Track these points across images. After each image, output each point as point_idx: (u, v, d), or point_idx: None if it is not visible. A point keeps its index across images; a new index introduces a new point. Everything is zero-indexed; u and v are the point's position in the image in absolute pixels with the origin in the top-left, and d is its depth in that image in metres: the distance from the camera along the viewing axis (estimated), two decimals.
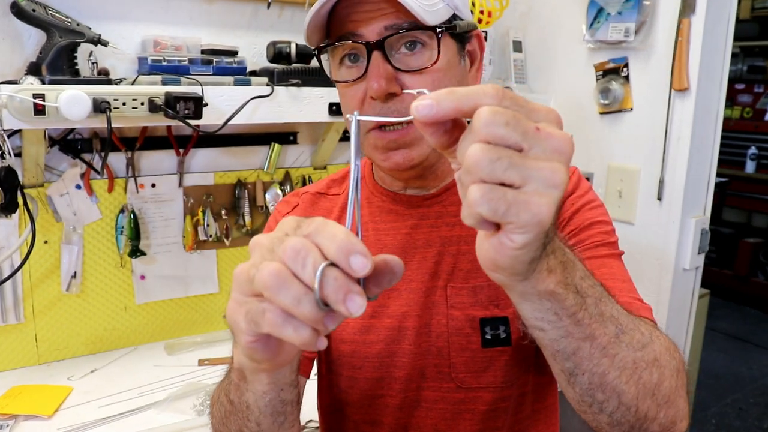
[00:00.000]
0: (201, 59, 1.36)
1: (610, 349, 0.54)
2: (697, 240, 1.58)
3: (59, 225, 1.36)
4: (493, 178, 0.39)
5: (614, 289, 0.71)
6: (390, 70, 0.70)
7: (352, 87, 0.74)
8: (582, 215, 0.80)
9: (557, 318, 0.50)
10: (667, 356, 0.59)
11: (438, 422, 0.81)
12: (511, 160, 0.39)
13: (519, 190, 0.39)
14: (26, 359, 1.37)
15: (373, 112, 0.72)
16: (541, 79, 1.91)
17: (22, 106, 1.06)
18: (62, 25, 1.18)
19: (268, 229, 0.93)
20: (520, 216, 0.39)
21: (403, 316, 0.81)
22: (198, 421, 1.16)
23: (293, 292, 0.39)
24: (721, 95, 1.57)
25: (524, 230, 0.40)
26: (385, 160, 0.75)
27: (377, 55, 0.70)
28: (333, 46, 0.73)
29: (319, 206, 0.91)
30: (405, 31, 0.70)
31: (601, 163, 1.73)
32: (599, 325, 0.53)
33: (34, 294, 1.35)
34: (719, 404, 3.14)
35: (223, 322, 1.61)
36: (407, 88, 0.71)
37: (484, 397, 0.79)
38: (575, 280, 0.51)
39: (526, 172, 0.39)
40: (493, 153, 0.38)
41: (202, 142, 1.50)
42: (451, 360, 0.79)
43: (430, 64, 0.71)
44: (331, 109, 1.45)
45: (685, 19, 1.47)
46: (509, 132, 0.39)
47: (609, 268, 0.76)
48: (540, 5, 1.88)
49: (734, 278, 4.39)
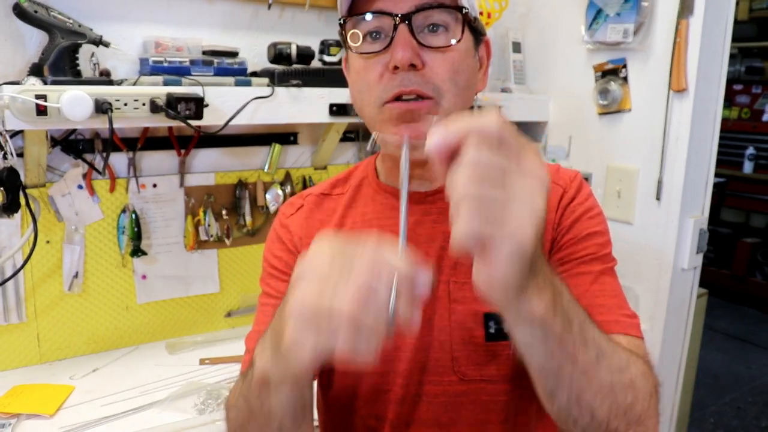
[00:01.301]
0: (202, 60, 1.37)
1: (590, 371, 0.58)
2: (696, 240, 1.58)
3: (61, 225, 1.37)
4: (479, 200, 0.45)
5: (605, 306, 0.77)
6: (415, 43, 0.73)
7: (372, 60, 0.75)
8: (581, 225, 0.82)
9: (545, 340, 0.55)
10: (642, 381, 0.64)
11: (440, 415, 0.81)
12: (494, 183, 0.45)
13: (503, 213, 0.45)
14: (28, 358, 1.38)
15: (393, 84, 0.74)
16: (540, 80, 1.92)
17: (25, 106, 1.06)
18: (64, 26, 1.19)
19: (273, 233, 0.93)
20: (504, 241, 0.45)
21: None
22: (199, 420, 1.17)
23: (372, 312, 0.44)
24: (720, 96, 1.57)
25: (509, 256, 0.46)
26: (396, 133, 0.76)
27: (403, 28, 0.72)
28: (357, 19, 0.75)
29: (324, 207, 0.92)
30: (434, 9, 0.73)
31: (600, 164, 1.74)
32: (582, 349, 0.57)
33: (36, 294, 1.36)
34: (718, 403, 3.15)
35: (223, 322, 1.62)
36: (428, 65, 0.74)
37: (486, 388, 0.79)
38: (563, 304, 0.55)
39: (509, 195, 0.46)
40: (479, 178, 0.45)
41: (203, 143, 1.50)
42: (453, 354, 0.79)
43: (453, 43, 0.74)
44: (331, 109, 1.45)
45: (684, 20, 1.48)
46: (493, 158, 0.46)
47: (601, 284, 0.79)
48: (539, 6, 1.89)
49: (732, 278, 4.40)
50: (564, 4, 1.79)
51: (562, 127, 1.86)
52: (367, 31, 0.75)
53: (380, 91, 0.75)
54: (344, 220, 0.89)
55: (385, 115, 0.76)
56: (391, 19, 0.72)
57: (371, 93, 0.76)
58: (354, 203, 0.90)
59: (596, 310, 0.75)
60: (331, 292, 0.45)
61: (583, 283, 0.78)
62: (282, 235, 0.91)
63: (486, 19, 1.72)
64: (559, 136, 1.87)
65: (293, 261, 0.89)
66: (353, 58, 0.79)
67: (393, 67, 0.73)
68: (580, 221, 0.82)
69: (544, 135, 1.92)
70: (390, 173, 0.87)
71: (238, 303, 1.64)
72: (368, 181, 0.90)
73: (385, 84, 0.74)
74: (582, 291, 0.77)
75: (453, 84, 0.75)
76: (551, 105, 1.88)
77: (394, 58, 0.72)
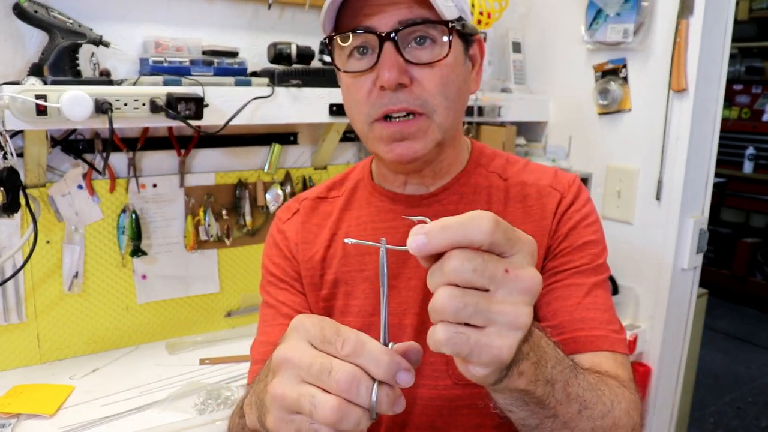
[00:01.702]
0: (202, 60, 1.37)
1: (571, 422, 0.60)
2: (696, 240, 1.58)
3: (61, 225, 1.37)
4: (457, 320, 0.43)
5: (595, 320, 0.78)
6: (401, 61, 0.72)
7: (360, 78, 0.75)
8: (577, 233, 0.82)
9: (525, 404, 0.56)
10: (625, 419, 0.66)
11: (434, 419, 0.81)
12: (476, 307, 0.43)
13: (482, 332, 0.44)
14: (28, 358, 1.38)
15: (381, 102, 0.73)
16: (540, 80, 1.92)
17: (25, 106, 1.06)
18: (64, 26, 1.19)
19: (271, 239, 0.94)
20: (482, 357, 0.44)
21: (402, 313, 0.82)
22: (199, 420, 1.17)
23: (353, 418, 0.44)
24: (719, 96, 1.57)
25: (485, 367, 0.45)
26: (389, 151, 0.76)
27: (389, 46, 0.71)
28: (343, 37, 0.74)
29: (319, 211, 0.92)
30: (419, 25, 0.72)
31: (600, 164, 1.74)
32: (564, 405, 0.58)
33: (36, 294, 1.36)
34: (718, 403, 3.15)
35: (223, 322, 1.62)
36: (417, 81, 0.73)
37: (481, 392, 0.79)
38: (546, 373, 0.55)
39: (489, 316, 0.43)
40: (458, 300, 0.43)
41: (203, 143, 1.50)
42: (447, 357, 0.79)
43: (440, 58, 0.73)
44: (331, 109, 1.45)
45: (684, 20, 1.48)
46: (477, 277, 0.43)
47: (594, 297, 0.80)
48: (539, 6, 1.89)
49: (732, 278, 4.40)
50: (564, 4, 1.79)
51: (562, 127, 1.86)
52: (353, 47, 0.75)
53: (369, 109, 0.75)
54: (340, 224, 0.89)
55: (376, 133, 0.76)
56: (375, 36, 0.72)
57: (360, 110, 0.76)
58: (349, 206, 0.90)
59: (587, 324, 0.77)
60: (310, 397, 0.45)
61: (576, 295, 0.79)
62: (279, 241, 0.92)
63: (486, 19, 1.72)
64: (559, 136, 1.87)
65: (290, 268, 0.90)
66: (341, 74, 0.79)
67: (381, 86, 0.73)
68: (577, 229, 0.82)
69: (544, 135, 1.92)
70: (385, 177, 0.87)
71: (238, 303, 1.64)
72: (363, 183, 0.90)
73: (373, 102, 0.74)
74: (574, 303, 0.79)
75: (443, 97, 0.74)
76: (551, 105, 1.88)
77: (380, 79, 0.72)
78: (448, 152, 0.83)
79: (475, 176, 0.86)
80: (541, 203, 0.84)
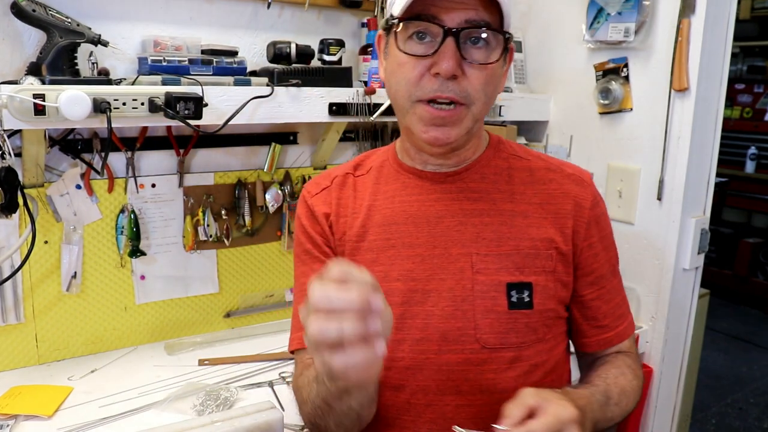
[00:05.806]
0: (201, 59, 1.36)
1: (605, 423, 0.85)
2: (697, 240, 1.58)
3: (59, 225, 1.36)
4: None
5: (624, 315, 0.97)
6: (459, 56, 0.80)
7: (415, 60, 0.82)
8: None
9: None
10: (634, 401, 0.91)
11: (460, 383, 0.86)
12: None
13: None
14: (26, 359, 1.37)
15: (431, 87, 0.81)
16: (541, 79, 1.91)
17: (23, 106, 1.06)
18: (62, 25, 1.18)
19: (301, 209, 0.99)
20: None
21: (426, 279, 0.87)
22: (198, 421, 1.16)
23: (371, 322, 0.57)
24: (721, 95, 1.56)
25: None
26: (425, 132, 0.84)
27: (451, 40, 0.79)
28: (407, 21, 0.81)
29: (352, 184, 0.98)
30: (482, 28, 0.80)
31: (601, 163, 1.73)
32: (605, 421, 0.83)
33: (35, 294, 1.35)
34: (719, 404, 3.14)
35: (223, 322, 1.61)
36: (466, 75, 0.81)
37: (506, 356, 0.86)
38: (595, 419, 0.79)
39: None
40: None
41: (202, 142, 1.50)
42: (476, 322, 0.85)
43: (490, 62, 0.82)
44: (331, 109, 1.45)
45: (685, 19, 1.47)
46: None
47: (621, 294, 0.98)
48: (540, 5, 1.88)
49: (734, 278, 4.39)
50: (565, 3, 1.78)
51: (563, 127, 1.85)
52: (415, 30, 0.81)
53: (417, 90, 0.82)
54: (376, 195, 0.95)
55: (417, 113, 0.83)
56: (440, 28, 0.79)
57: (408, 88, 0.83)
58: (379, 181, 0.96)
59: (623, 321, 0.96)
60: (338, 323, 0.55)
61: (615, 297, 0.96)
62: (313, 209, 0.97)
63: None
64: (560, 136, 1.86)
65: (320, 235, 0.96)
66: (395, 50, 0.84)
67: (435, 73, 0.80)
68: (599, 225, 0.94)
69: (545, 134, 1.91)
70: (409, 155, 0.95)
71: (238, 303, 1.63)
72: (389, 162, 0.98)
73: (424, 85, 0.81)
74: (615, 304, 0.96)
75: (484, 94, 0.83)
76: (552, 104, 1.88)
77: (438, 66, 0.79)
78: (473, 140, 0.92)
79: (495, 159, 0.95)
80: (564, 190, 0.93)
